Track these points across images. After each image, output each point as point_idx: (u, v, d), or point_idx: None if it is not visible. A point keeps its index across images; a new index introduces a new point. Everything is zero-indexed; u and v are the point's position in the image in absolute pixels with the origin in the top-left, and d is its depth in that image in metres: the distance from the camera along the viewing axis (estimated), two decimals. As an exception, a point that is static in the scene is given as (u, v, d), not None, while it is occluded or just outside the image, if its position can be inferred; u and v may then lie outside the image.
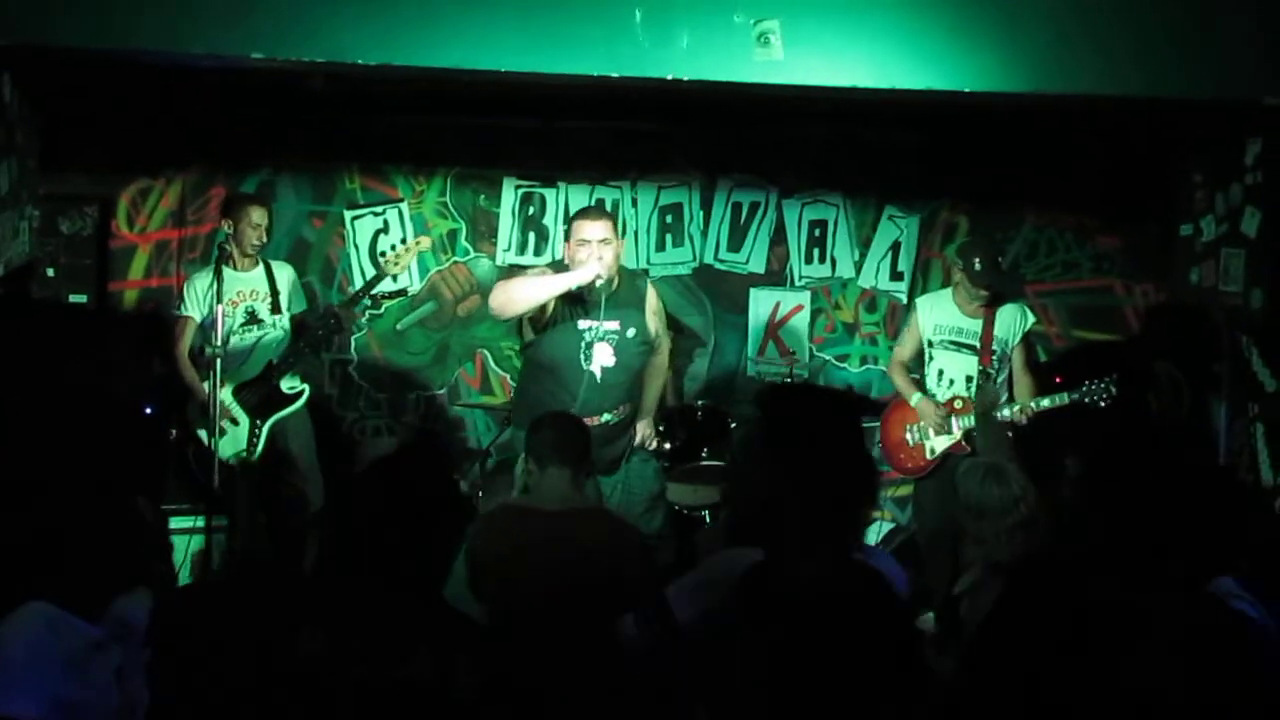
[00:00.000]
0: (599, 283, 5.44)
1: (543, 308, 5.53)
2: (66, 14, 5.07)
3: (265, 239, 6.57)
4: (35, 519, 3.28)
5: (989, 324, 6.32)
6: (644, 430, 5.91)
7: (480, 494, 6.69)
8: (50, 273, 7.09)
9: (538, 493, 4.43)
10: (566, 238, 5.72)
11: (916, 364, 6.58)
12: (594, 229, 5.52)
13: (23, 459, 3.84)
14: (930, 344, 6.44)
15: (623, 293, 5.64)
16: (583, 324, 5.55)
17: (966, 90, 5.62)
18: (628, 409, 5.74)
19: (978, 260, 6.25)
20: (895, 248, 7.84)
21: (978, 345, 6.32)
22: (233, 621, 2.50)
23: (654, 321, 5.84)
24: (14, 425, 5.67)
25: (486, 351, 7.66)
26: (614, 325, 5.59)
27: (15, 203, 5.43)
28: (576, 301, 5.53)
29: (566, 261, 5.62)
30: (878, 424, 7.08)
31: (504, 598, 4.03)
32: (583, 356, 5.56)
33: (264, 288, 6.55)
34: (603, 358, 5.58)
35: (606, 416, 5.59)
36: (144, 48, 5.16)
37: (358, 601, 2.22)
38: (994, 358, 6.29)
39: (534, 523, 4.25)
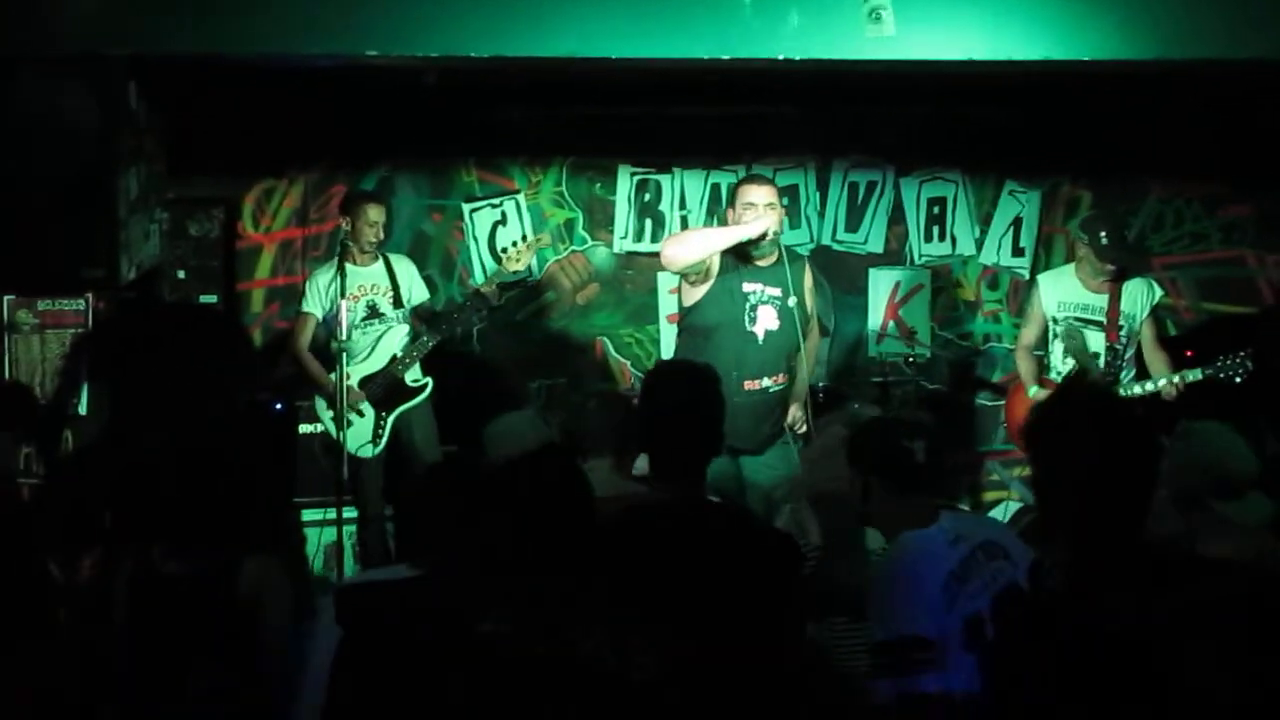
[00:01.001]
0: (770, 236, 5.48)
1: (708, 269, 5.58)
2: (188, 22, 5.18)
3: (382, 235, 6.67)
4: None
5: (1114, 299, 6.18)
6: (795, 413, 5.86)
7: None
8: (181, 275, 7.26)
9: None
10: (730, 203, 5.74)
11: (1042, 344, 6.46)
12: (759, 193, 5.60)
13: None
14: (1054, 321, 6.32)
15: (785, 267, 5.64)
16: (747, 286, 5.58)
17: (1086, 59, 5.49)
18: (785, 379, 5.71)
19: (1104, 234, 6.12)
20: (1016, 224, 7.72)
21: (1104, 321, 6.19)
22: (414, 605, 2.53)
23: (810, 300, 5.86)
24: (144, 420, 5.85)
25: (606, 339, 7.70)
26: (777, 291, 5.60)
27: (145, 207, 5.57)
28: (743, 261, 5.58)
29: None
30: (1003, 402, 7.00)
31: None
32: (747, 318, 5.59)
33: (384, 282, 6.65)
34: (767, 321, 5.60)
35: (766, 382, 5.60)
36: (262, 51, 5.26)
37: (532, 583, 2.24)
38: (1121, 333, 6.16)
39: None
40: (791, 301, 5.63)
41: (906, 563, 3.78)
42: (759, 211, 5.53)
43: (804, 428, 5.94)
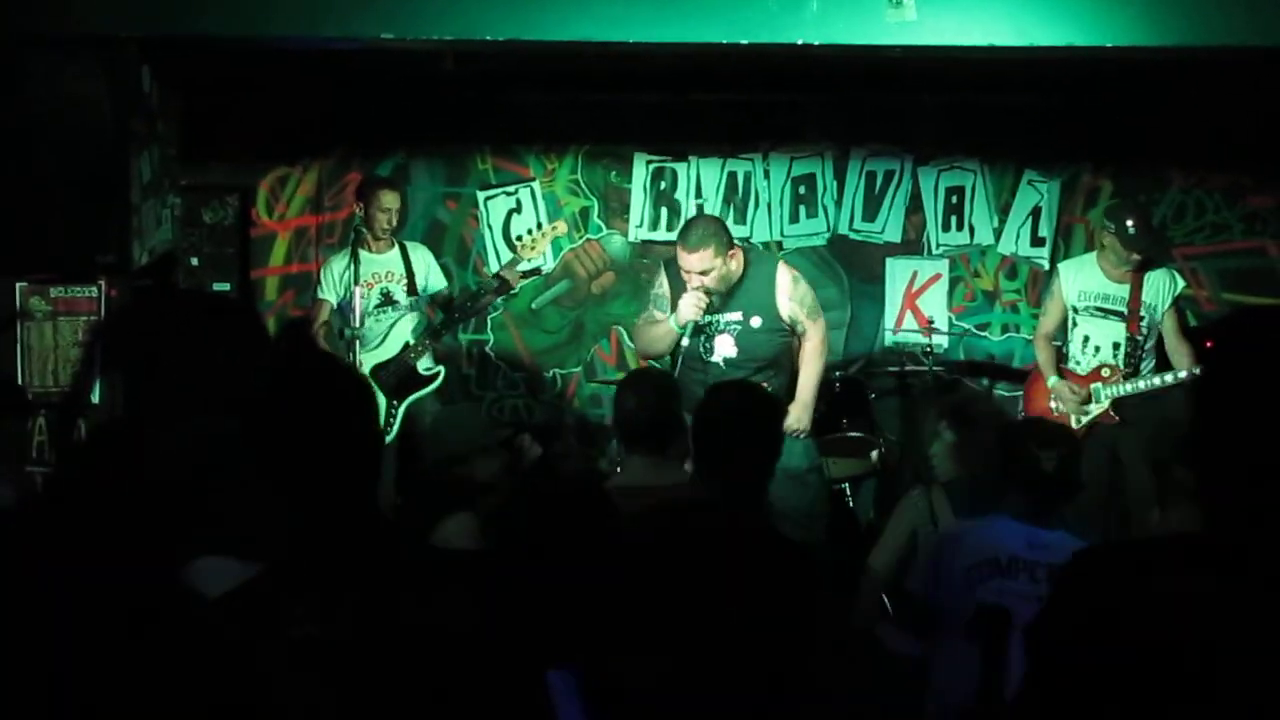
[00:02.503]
0: (700, 319, 5.39)
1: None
2: (202, 5, 5.16)
3: (396, 222, 6.63)
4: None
5: (1136, 290, 6.12)
6: (797, 416, 5.66)
7: (618, 470, 6.67)
8: (195, 262, 7.24)
9: (626, 472, 4.09)
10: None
11: (1061, 332, 6.40)
12: (689, 260, 5.33)
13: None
14: (1075, 310, 6.25)
15: (746, 282, 5.50)
16: (700, 320, 5.45)
17: (1109, 45, 5.42)
18: (768, 387, 5.64)
19: (1131, 223, 6.05)
20: (1035, 213, 7.66)
21: (1125, 311, 6.13)
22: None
23: (789, 307, 5.62)
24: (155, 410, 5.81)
25: (621, 328, 7.65)
26: (735, 316, 5.47)
27: (158, 192, 5.55)
28: None
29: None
30: (1020, 393, 6.94)
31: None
32: (702, 349, 5.48)
33: (399, 269, 6.61)
34: (724, 349, 5.49)
35: None
36: (277, 34, 5.23)
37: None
38: (1142, 324, 6.10)
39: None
40: (755, 322, 5.49)
41: (961, 529, 4.00)
42: (694, 280, 5.34)
43: (804, 435, 5.77)
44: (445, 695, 1.98)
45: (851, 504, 6.72)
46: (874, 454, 6.72)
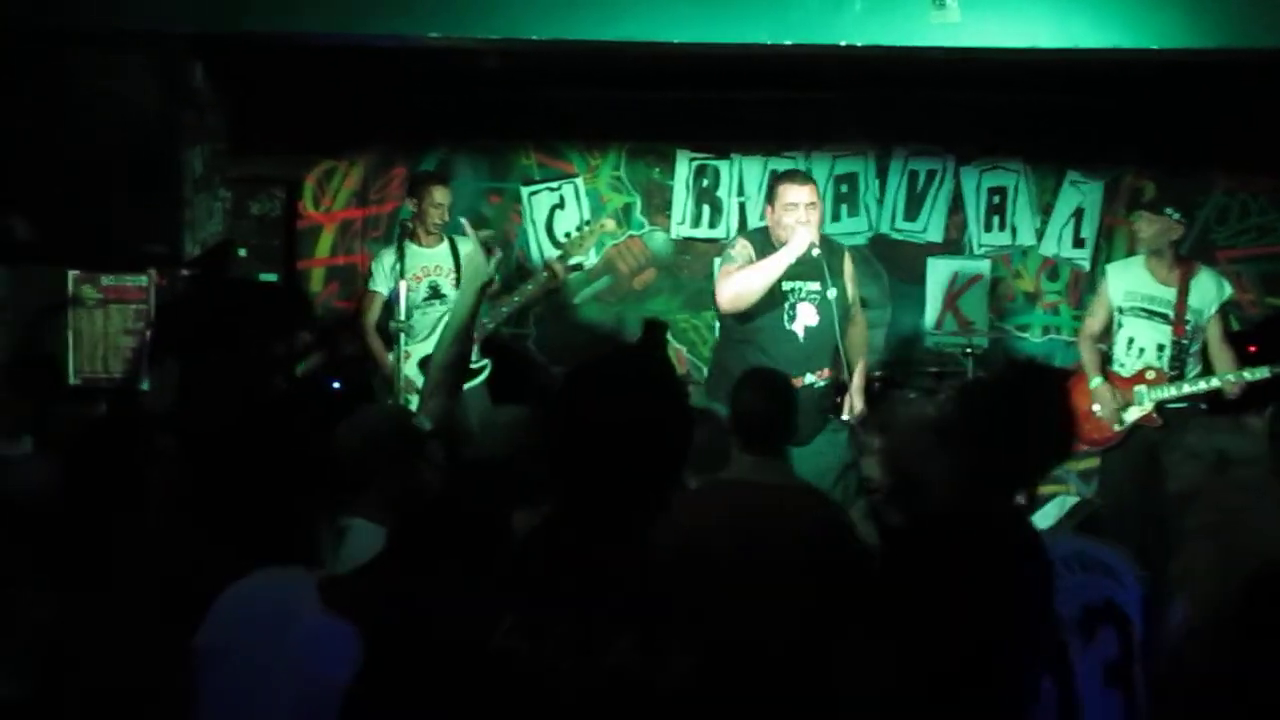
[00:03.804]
0: (815, 252, 5.44)
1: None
2: (252, 2, 5.24)
3: (447, 217, 6.69)
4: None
5: (1183, 293, 6.09)
6: (858, 404, 5.79)
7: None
8: (242, 253, 7.33)
9: (735, 468, 4.08)
10: (769, 201, 5.69)
11: (1105, 334, 6.38)
12: (801, 193, 5.52)
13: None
14: (1120, 311, 6.23)
15: (824, 255, 5.61)
16: (786, 284, 5.55)
17: (1153, 48, 5.42)
18: (829, 374, 5.69)
19: (1171, 209, 6.04)
20: (1078, 214, 7.65)
21: (1170, 314, 6.10)
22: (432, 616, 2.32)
23: (851, 288, 5.81)
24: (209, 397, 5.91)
25: (662, 324, 7.70)
26: (816, 286, 5.57)
27: (208, 185, 5.63)
28: None
29: (770, 225, 5.62)
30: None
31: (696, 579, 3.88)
32: (786, 316, 5.56)
33: (448, 263, 6.66)
34: (806, 317, 5.57)
35: (810, 378, 5.57)
36: (326, 31, 5.30)
37: (548, 595, 2.02)
38: (1187, 327, 6.07)
39: (733, 496, 3.96)
40: (831, 294, 5.58)
41: None
42: (800, 214, 5.47)
43: (858, 418, 5.88)
44: None
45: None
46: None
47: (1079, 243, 7.68)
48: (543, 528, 2.03)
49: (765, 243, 5.62)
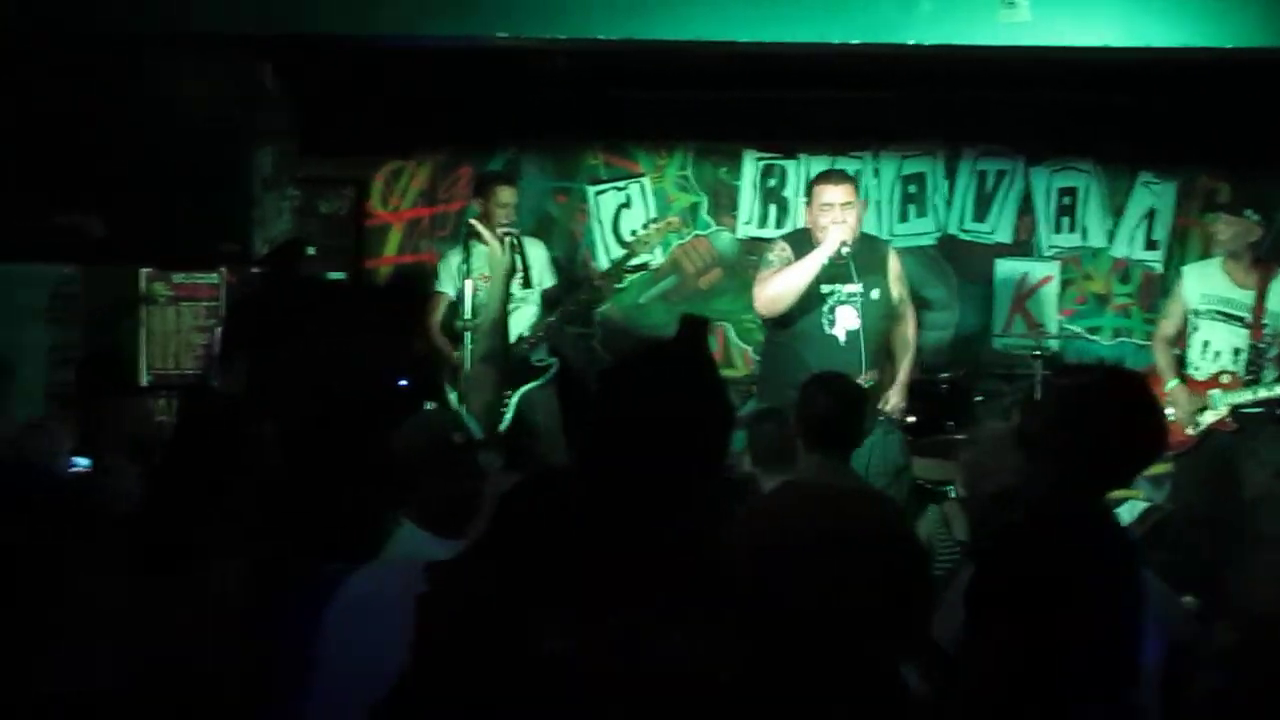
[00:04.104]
0: (845, 250, 5.43)
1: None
2: (322, 3, 5.29)
3: (514, 217, 6.72)
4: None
5: (1261, 295, 5.98)
6: (896, 399, 5.80)
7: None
8: (310, 252, 7.40)
9: (804, 471, 4.09)
10: (807, 203, 5.73)
11: (1179, 336, 6.29)
12: (835, 193, 5.53)
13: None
14: (1196, 314, 6.14)
15: (864, 256, 5.61)
16: (825, 288, 5.54)
17: (1227, 46, 5.34)
18: (873, 375, 5.67)
19: (1250, 211, 5.96)
20: (1150, 216, 7.55)
21: (1248, 317, 6.00)
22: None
23: (897, 287, 5.79)
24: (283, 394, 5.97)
25: (728, 325, 7.68)
26: (856, 288, 5.55)
27: (277, 185, 5.69)
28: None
29: (809, 226, 5.64)
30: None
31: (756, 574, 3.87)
32: (825, 321, 5.54)
33: (517, 262, 6.70)
34: (846, 321, 5.55)
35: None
36: (394, 32, 5.34)
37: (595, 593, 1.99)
38: (1265, 331, 5.98)
39: (804, 500, 3.94)
40: (874, 294, 5.56)
41: None
42: (835, 213, 5.48)
43: (900, 415, 5.86)
44: None
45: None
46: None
47: (1151, 245, 7.58)
48: (586, 527, 2.01)
49: (806, 244, 5.62)
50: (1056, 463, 2.93)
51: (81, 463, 4.91)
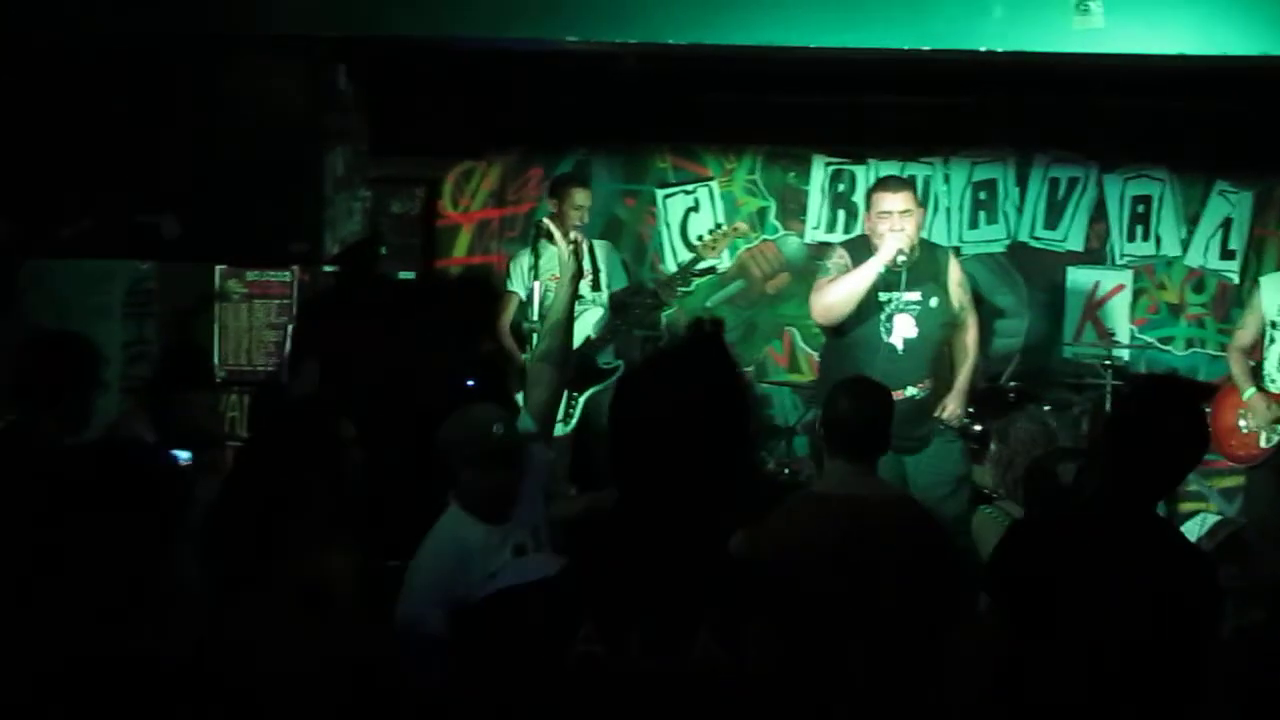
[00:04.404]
0: (901, 258, 5.41)
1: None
2: (396, 6, 5.33)
3: (587, 219, 6.77)
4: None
5: (1341, 308, 5.91)
6: (954, 407, 5.77)
7: (786, 472, 6.71)
8: (382, 251, 7.48)
9: (828, 477, 4.09)
10: (866, 209, 5.72)
11: (1256, 347, 6.21)
12: (894, 200, 5.51)
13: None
14: (1273, 325, 6.07)
15: (923, 264, 5.59)
16: (882, 295, 5.52)
17: (1307, 55, 5.26)
18: (931, 384, 5.64)
19: None
20: (1226, 225, 7.45)
21: (1329, 328, 5.94)
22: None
23: (958, 294, 5.75)
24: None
25: (794, 329, 7.67)
26: (915, 296, 5.53)
27: (349, 185, 5.75)
28: None
29: (867, 233, 5.63)
30: (1207, 409, 6.75)
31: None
32: (882, 329, 5.53)
33: (585, 265, 6.74)
34: (903, 329, 5.53)
35: (910, 390, 5.52)
36: (465, 34, 5.39)
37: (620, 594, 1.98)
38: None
39: (825, 510, 3.94)
40: (933, 303, 5.53)
41: None
42: (894, 221, 5.45)
43: (959, 422, 5.83)
44: None
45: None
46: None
47: (1227, 254, 7.48)
48: (612, 528, 2.03)
49: (864, 251, 5.59)
50: (1100, 466, 2.99)
51: (182, 455, 5.00)
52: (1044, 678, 2.74)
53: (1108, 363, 6.91)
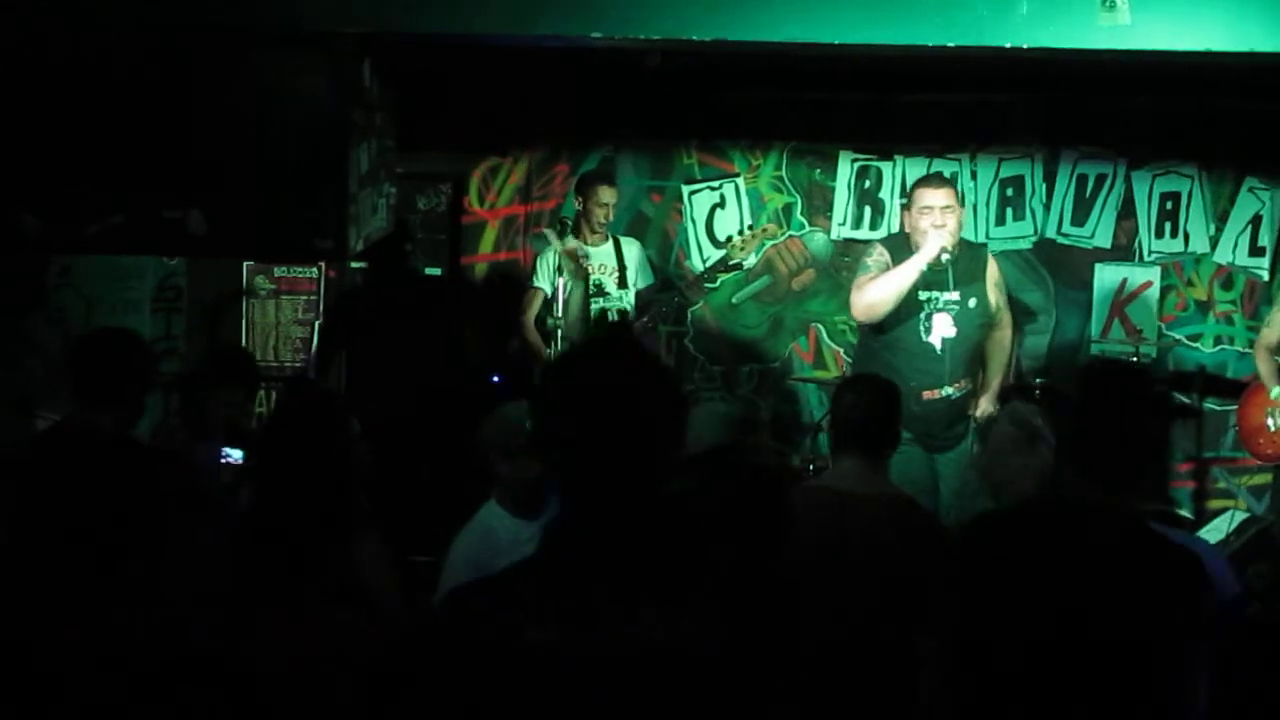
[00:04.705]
0: (945, 256, 5.40)
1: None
2: (420, 2, 5.35)
3: (612, 216, 6.79)
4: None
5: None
6: (985, 406, 5.77)
7: (810, 468, 6.70)
8: (408, 247, 7.51)
9: (834, 473, 4.13)
10: (906, 207, 5.73)
11: (1281, 346, 6.19)
12: (936, 196, 5.54)
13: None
14: (1300, 323, 6.05)
15: (963, 263, 5.59)
16: (922, 294, 5.51)
17: (1337, 52, 5.21)
18: (968, 384, 5.64)
19: None
20: (1255, 221, 7.40)
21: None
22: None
23: (995, 294, 5.76)
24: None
25: (820, 325, 7.66)
26: (954, 296, 5.53)
27: (374, 181, 5.78)
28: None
29: (907, 231, 5.64)
30: (1235, 407, 6.73)
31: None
32: (922, 328, 5.53)
33: (612, 262, 6.77)
34: (943, 329, 5.53)
35: (947, 390, 5.53)
36: (491, 31, 5.39)
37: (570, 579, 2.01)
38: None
39: (826, 504, 3.94)
40: (971, 303, 5.52)
41: None
42: (935, 216, 5.45)
43: (988, 421, 5.83)
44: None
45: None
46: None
47: (1256, 251, 7.43)
48: (555, 518, 2.05)
49: (903, 249, 5.59)
50: (1060, 458, 2.98)
51: (234, 454, 5.05)
52: (989, 673, 2.73)
53: (1135, 359, 6.87)
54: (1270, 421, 6.11)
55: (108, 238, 5.34)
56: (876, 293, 5.54)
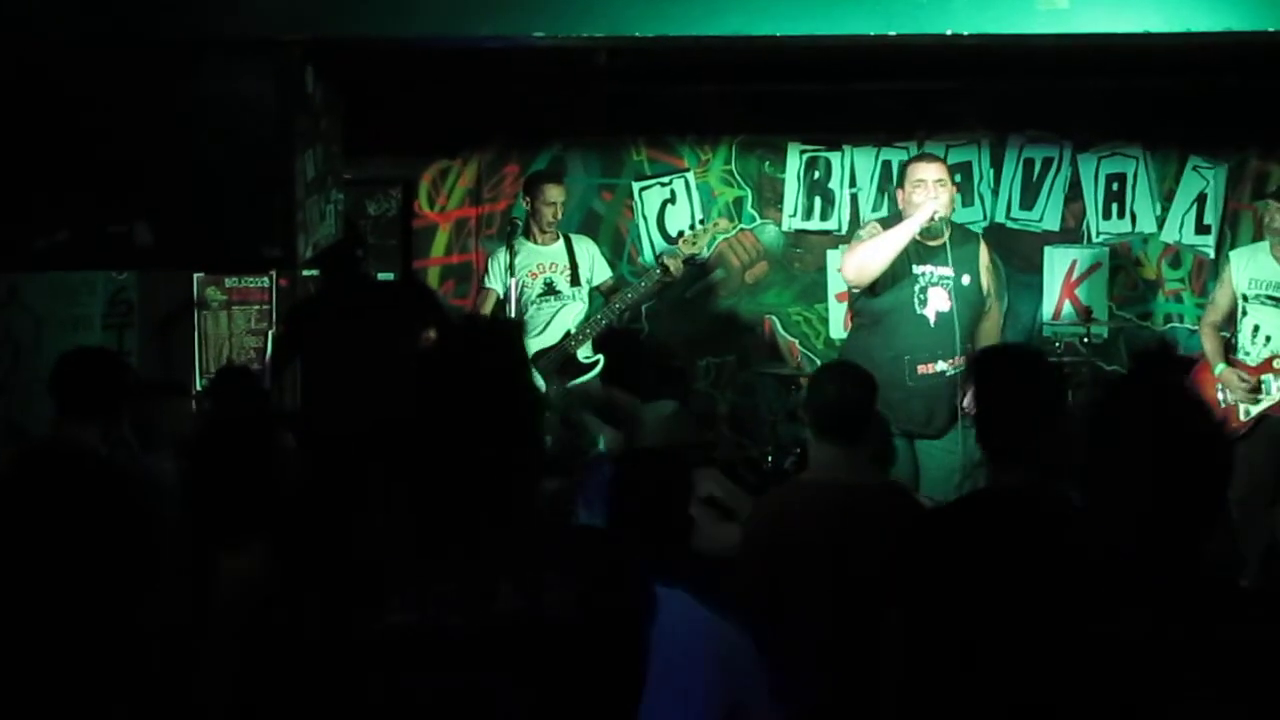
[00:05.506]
0: (938, 218, 5.45)
1: None
2: (362, 6, 5.34)
3: (560, 215, 6.79)
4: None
5: (1312, 280, 5.93)
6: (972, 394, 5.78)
7: (769, 461, 6.72)
8: (359, 253, 7.47)
9: (818, 465, 4.03)
10: (900, 184, 5.81)
11: (1228, 322, 6.24)
12: (929, 170, 5.65)
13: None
14: (1245, 299, 6.10)
15: (957, 242, 5.64)
16: (917, 268, 5.56)
17: (1272, 30, 5.26)
18: (961, 362, 5.65)
19: None
20: (1200, 200, 7.46)
21: (1299, 302, 5.95)
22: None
23: (987, 277, 5.82)
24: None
25: (774, 317, 7.68)
26: (948, 271, 5.57)
27: (321, 188, 5.75)
28: (912, 241, 5.57)
29: (901, 207, 5.69)
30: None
31: (765, 572, 3.82)
32: (917, 301, 5.57)
33: (563, 261, 6.77)
34: (938, 303, 5.58)
35: (941, 365, 5.57)
36: (432, 33, 5.38)
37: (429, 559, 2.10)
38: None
39: (805, 495, 3.93)
40: (965, 280, 5.58)
41: None
42: (929, 189, 5.53)
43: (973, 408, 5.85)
44: (538, 687, 1.98)
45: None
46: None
47: (1203, 229, 7.49)
48: (412, 506, 2.13)
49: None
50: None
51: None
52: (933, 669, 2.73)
53: (1087, 340, 6.94)
54: (1221, 396, 6.15)
55: (54, 254, 5.29)
56: (868, 253, 5.56)
